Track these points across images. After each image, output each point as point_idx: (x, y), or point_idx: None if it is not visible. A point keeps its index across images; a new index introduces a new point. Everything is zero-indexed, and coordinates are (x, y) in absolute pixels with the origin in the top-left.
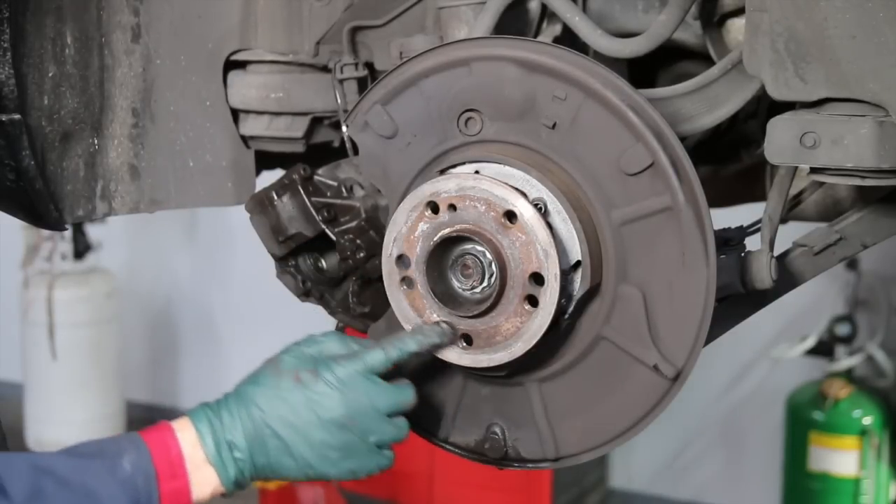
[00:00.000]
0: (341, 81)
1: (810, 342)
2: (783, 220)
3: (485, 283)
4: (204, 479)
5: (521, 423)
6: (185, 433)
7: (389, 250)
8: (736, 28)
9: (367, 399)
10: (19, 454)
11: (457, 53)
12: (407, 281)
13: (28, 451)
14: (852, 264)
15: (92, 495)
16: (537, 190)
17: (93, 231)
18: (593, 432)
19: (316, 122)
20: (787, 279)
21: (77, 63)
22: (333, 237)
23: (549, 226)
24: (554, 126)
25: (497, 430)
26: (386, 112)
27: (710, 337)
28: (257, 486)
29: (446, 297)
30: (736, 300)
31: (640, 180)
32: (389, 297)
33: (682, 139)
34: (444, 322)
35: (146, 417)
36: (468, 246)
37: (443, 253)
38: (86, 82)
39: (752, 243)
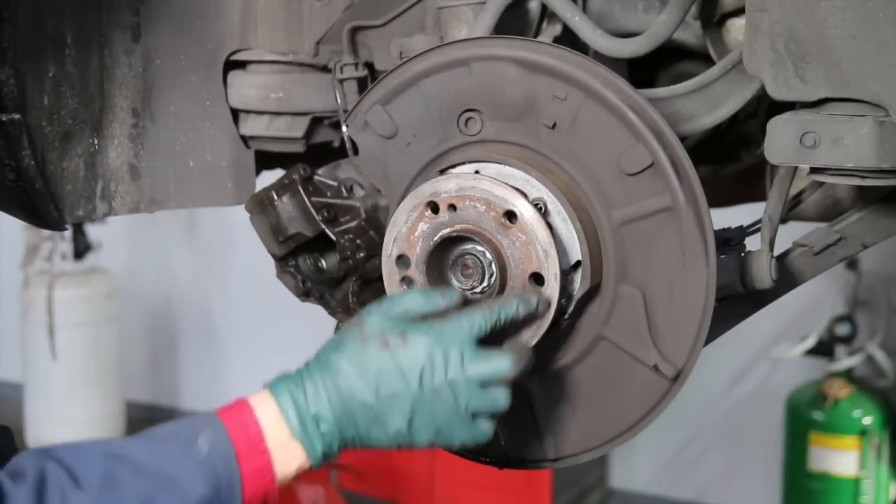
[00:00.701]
0: (341, 81)
1: (810, 342)
2: (783, 220)
3: (485, 283)
4: (290, 455)
5: (521, 423)
6: (266, 408)
7: (389, 250)
8: (736, 28)
9: (461, 366)
10: (92, 441)
11: (457, 53)
12: (407, 281)
13: (102, 439)
14: (852, 264)
15: (168, 480)
16: (537, 190)
17: (93, 231)
18: (593, 432)
19: (316, 122)
20: (787, 279)
21: (77, 63)
22: (333, 237)
23: (549, 226)
24: (554, 126)
25: (497, 430)
26: (386, 112)
27: (710, 337)
28: None
29: None
30: (736, 300)
31: (640, 180)
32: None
33: (682, 139)
34: (539, 294)
35: (146, 417)
36: (468, 246)
37: (443, 253)
38: (86, 82)
39: (752, 243)
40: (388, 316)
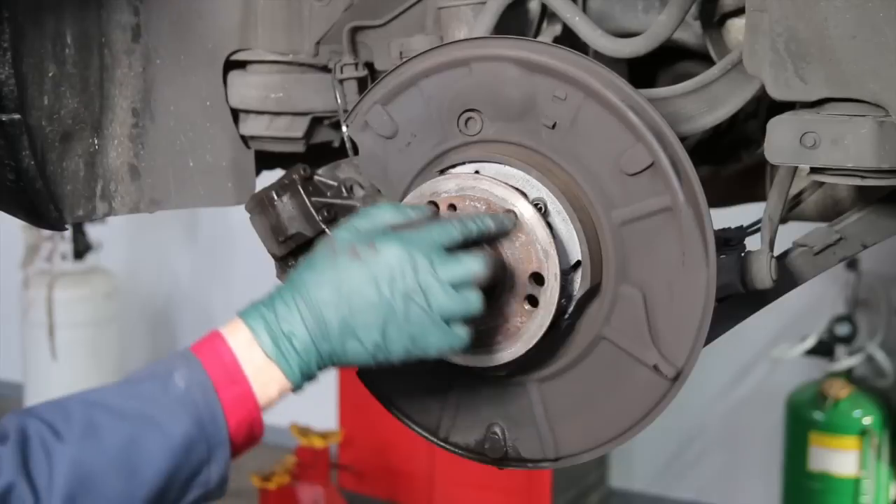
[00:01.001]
0: (341, 81)
1: (810, 342)
2: (783, 220)
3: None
4: (268, 378)
5: (521, 423)
6: (238, 335)
7: None
8: (736, 28)
9: (434, 271)
10: (70, 395)
11: (457, 53)
12: None
13: (80, 391)
14: (852, 264)
15: (149, 420)
16: (537, 190)
17: (93, 231)
18: (593, 432)
19: (316, 122)
20: (787, 279)
21: (77, 63)
22: None
23: (549, 226)
24: (554, 126)
25: (497, 430)
26: (386, 112)
27: (710, 337)
28: (257, 486)
29: None
30: (736, 300)
31: (640, 180)
32: None
33: (682, 139)
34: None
35: None
36: None
37: None
38: (86, 82)
39: (752, 243)
40: (358, 229)
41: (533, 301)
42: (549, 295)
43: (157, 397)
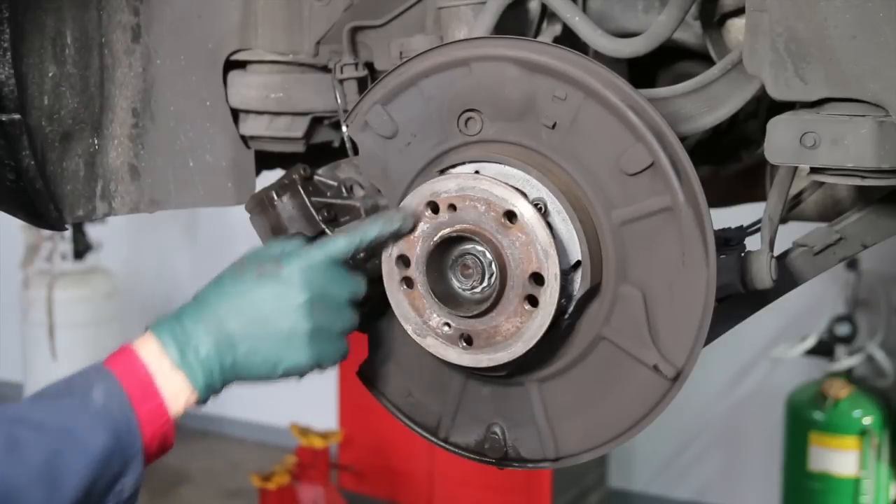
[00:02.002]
0: (341, 81)
1: (810, 342)
2: (783, 220)
3: (485, 283)
4: (176, 389)
5: (521, 423)
6: (149, 347)
7: (389, 250)
8: (736, 28)
9: (331, 284)
10: None
11: (457, 53)
12: (407, 281)
13: None
14: (852, 264)
15: (69, 434)
16: (537, 190)
17: (93, 231)
18: (593, 432)
19: (316, 122)
20: (787, 279)
21: (77, 63)
22: None
23: (549, 226)
24: (554, 126)
25: (497, 430)
26: (386, 112)
27: (710, 337)
28: (257, 486)
29: (446, 297)
30: (736, 300)
31: (640, 180)
32: (389, 297)
33: (682, 139)
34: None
35: None
36: (468, 246)
37: (443, 253)
38: (86, 82)
39: (752, 243)
40: (265, 253)
41: (533, 301)
42: (549, 295)
43: (77, 412)
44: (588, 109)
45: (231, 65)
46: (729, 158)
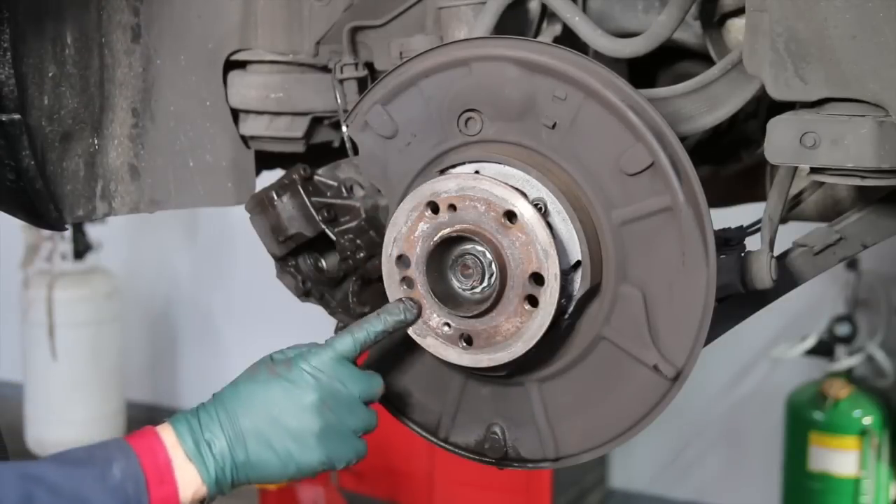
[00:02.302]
0: (341, 81)
1: (810, 342)
2: (783, 220)
3: (485, 284)
4: (187, 479)
5: (521, 423)
6: (167, 436)
7: (389, 250)
8: (736, 28)
9: (341, 383)
10: (8, 464)
11: (457, 53)
12: (407, 281)
13: (15, 461)
14: (852, 264)
15: (84, 503)
16: (537, 190)
17: (93, 231)
18: (593, 432)
19: (316, 122)
20: (787, 279)
21: (77, 63)
22: (333, 237)
23: (549, 226)
24: (554, 126)
25: (497, 430)
26: (386, 112)
27: (710, 337)
28: (257, 486)
29: (446, 297)
30: (736, 300)
31: (640, 180)
32: (389, 297)
33: (682, 139)
34: (408, 298)
35: (146, 417)
36: (468, 246)
37: (443, 253)
38: (86, 82)
39: (752, 243)
40: (279, 355)
41: (533, 301)
42: (549, 295)
43: (94, 483)
44: (588, 109)
45: (231, 65)
46: (729, 158)
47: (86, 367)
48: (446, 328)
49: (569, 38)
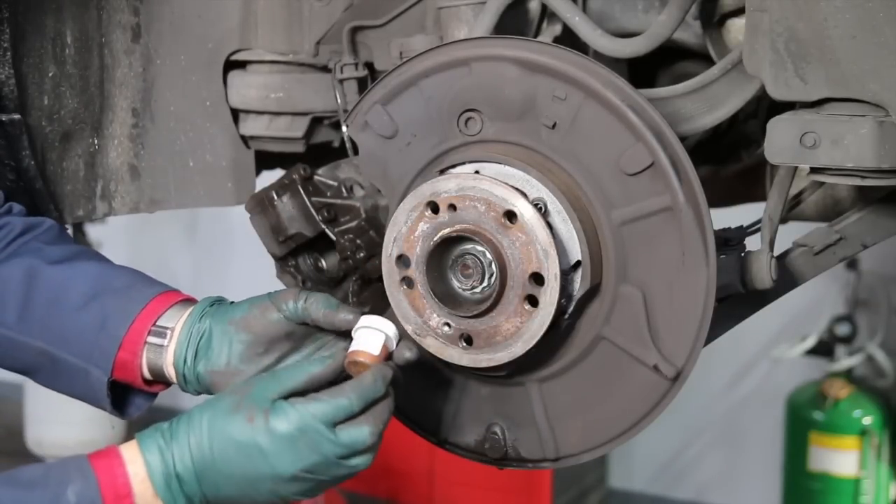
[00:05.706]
0: (341, 81)
1: (810, 342)
2: (783, 220)
3: (485, 284)
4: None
5: (521, 423)
6: (135, 465)
7: (389, 250)
8: (736, 28)
9: (319, 452)
10: None
11: (457, 53)
12: (407, 281)
13: None
14: (852, 264)
15: None
16: (537, 190)
17: (93, 231)
18: (593, 432)
19: (316, 122)
20: (787, 279)
21: (77, 63)
22: (333, 237)
23: (549, 226)
24: (554, 126)
25: (497, 430)
26: (386, 112)
27: (710, 337)
28: None
29: (446, 297)
30: (736, 300)
31: (640, 180)
32: (389, 297)
33: (682, 139)
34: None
35: (146, 417)
36: (468, 246)
37: (443, 253)
38: (86, 82)
39: (752, 243)
40: (264, 391)
41: (533, 301)
42: (549, 295)
43: None
44: (588, 109)
45: (231, 65)
46: (729, 158)
47: None
48: (446, 328)
49: (569, 38)
